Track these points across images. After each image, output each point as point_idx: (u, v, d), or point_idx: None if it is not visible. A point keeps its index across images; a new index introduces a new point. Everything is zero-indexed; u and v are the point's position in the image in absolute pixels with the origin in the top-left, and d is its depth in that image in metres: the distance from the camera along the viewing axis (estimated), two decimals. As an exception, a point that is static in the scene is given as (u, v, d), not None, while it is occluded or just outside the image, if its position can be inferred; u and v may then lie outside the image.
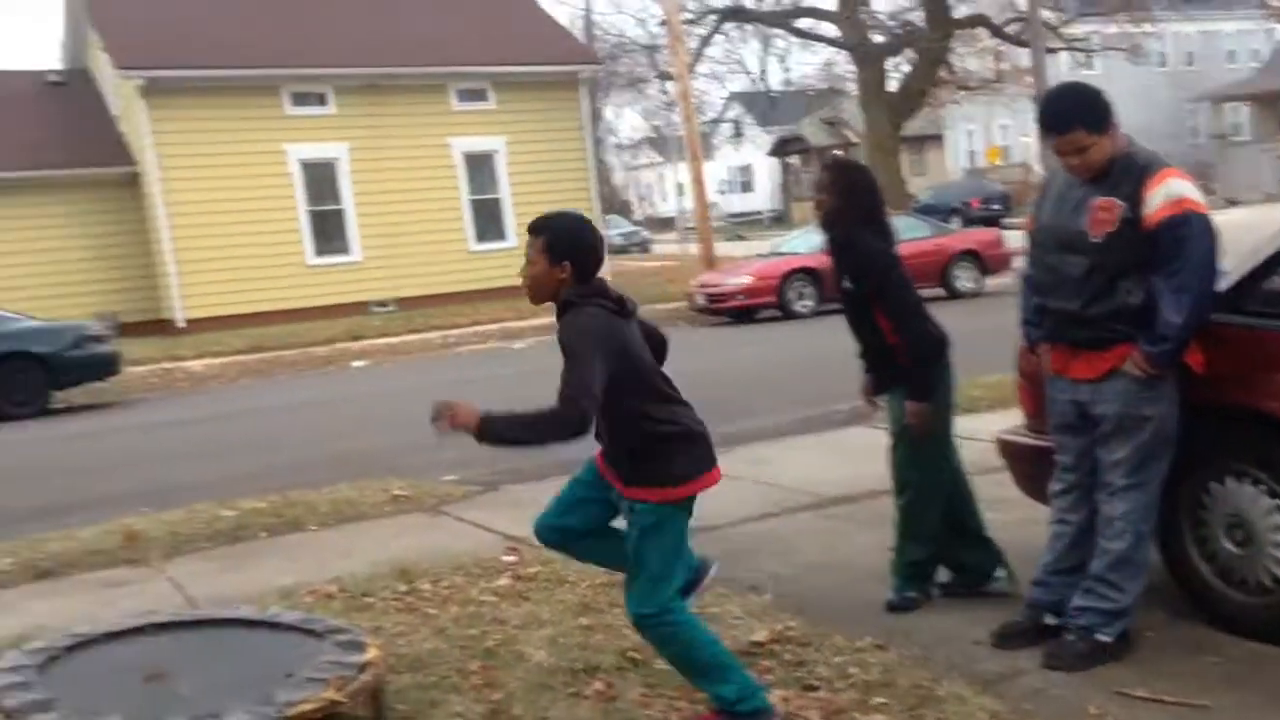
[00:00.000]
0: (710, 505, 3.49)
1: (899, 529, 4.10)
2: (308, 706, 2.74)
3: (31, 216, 21.04)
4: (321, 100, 21.97)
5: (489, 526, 5.81)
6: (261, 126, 21.29)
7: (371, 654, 3.08)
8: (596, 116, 36.77)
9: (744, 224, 49.47)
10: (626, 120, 59.52)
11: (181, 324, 20.79)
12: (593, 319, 3.08)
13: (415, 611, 4.14)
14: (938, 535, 4.07)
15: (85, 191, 21.56)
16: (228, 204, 20.95)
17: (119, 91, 21.92)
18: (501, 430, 2.95)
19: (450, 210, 23.17)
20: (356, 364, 16.26)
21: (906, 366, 3.96)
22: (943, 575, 4.20)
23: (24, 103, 22.62)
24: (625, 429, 3.12)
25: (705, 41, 31.72)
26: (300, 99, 21.77)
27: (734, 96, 53.95)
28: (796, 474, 6.47)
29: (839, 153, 36.93)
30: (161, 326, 21.50)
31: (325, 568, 5.18)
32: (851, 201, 4.05)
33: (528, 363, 14.49)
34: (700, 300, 17.84)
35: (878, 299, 3.97)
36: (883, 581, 4.14)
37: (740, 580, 4.38)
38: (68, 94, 23.52)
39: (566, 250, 3.17)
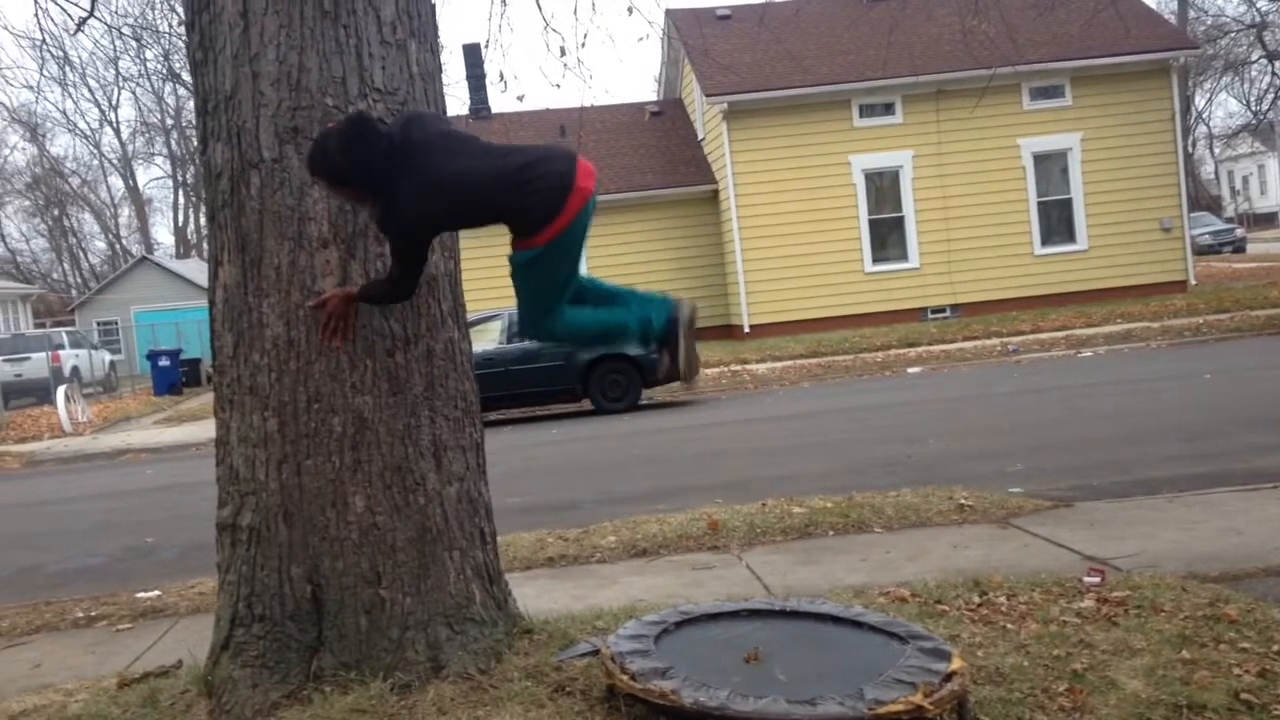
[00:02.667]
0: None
1: None
2: (896, 707, 2.76)
3: (628, 233, 23.80)
4: (889, 110, 22.33)
5: (1064, 544, 5.49)
6: (829, 140, 22.15)
7: (956, 663, 3.02)
8: (1186, 105, 33.47)
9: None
10: (1221, 107, 53.43)
11: (747, 329, 22.22)
12: (391, 216, 3.40)
13: (991, 624, 4.00)
14: None
15: (673, 209, 23.95)
16: (792, 215, 22.09)
17: (705, 116, 24.00)
18: (364, 295, 3.58)
19: (1016, 213, 22.42)
20: (912, 370, 16.26)
21: None
22: None
23: (628, 132, 25.69)
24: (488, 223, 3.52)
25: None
26: (868, 110, 22.30)
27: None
28: None
29: None
30: (729, 331, 23.21)
31: (894, 570, 5.21)
32: None
33: (1092, 372, 13.56)
34: (1313, 307, 15.53)
35: None
36: None
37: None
38: (663, 123, 26.26)
39: (332, 177, 3.38)
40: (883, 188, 22.55)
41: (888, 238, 22.56)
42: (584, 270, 4.01)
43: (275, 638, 3.68)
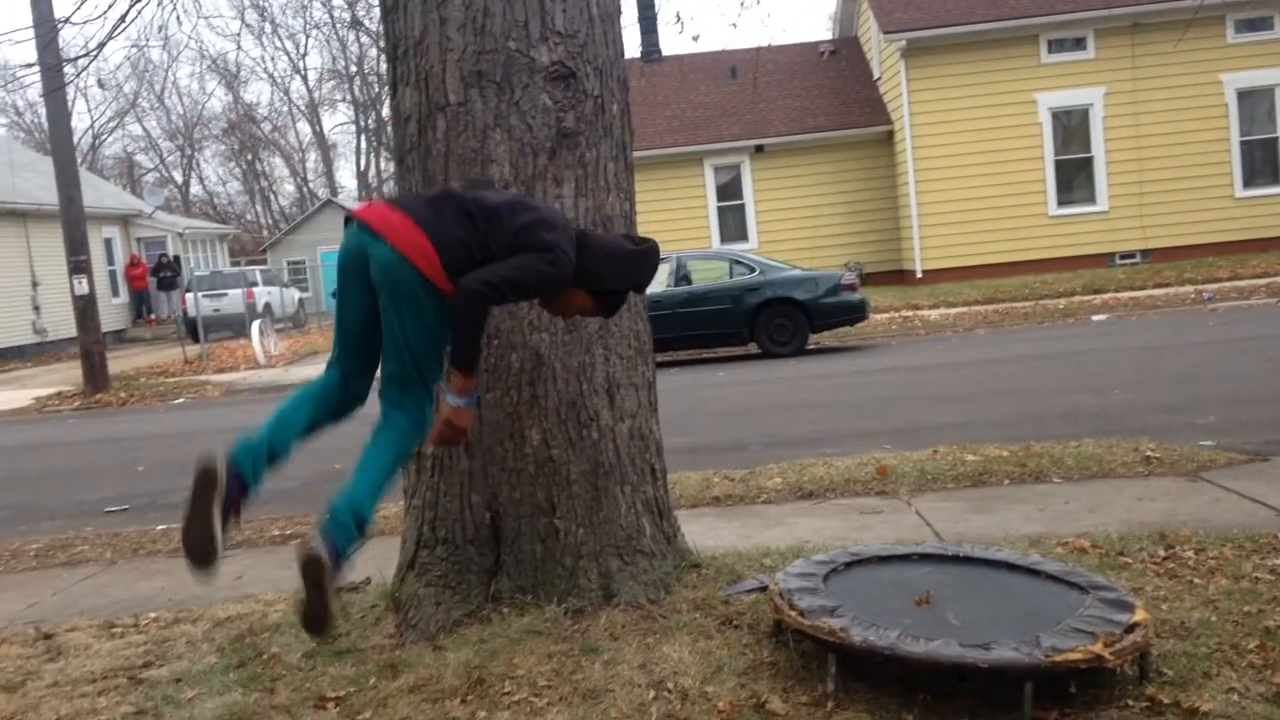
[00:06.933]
0: None
1: None
2: (1074, 656, 2.69)
3: (799, 176, 23.44)
4: (1079, 44, 21.15)
5: (1259, 499, 5.21)
6: (1014, 77, 21.18)
7: (1140, 615, 2.93)
8: None
9: None
10: None
11: (919, 274, 21.65)
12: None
13: (1177, 578, 3.85)
14: None
15: (845, 151, 23.43)
16: (972, 156, 21.29)
17: (882, 54, 23.30)
18: (462, 360, 2.97)
19: (1216, 153, 21.02)
20: (1096, 318, 15.54)
21: None
22: None
23: (801, 72, 25.19)
24: None
25: None
26: (1057, 45, 21.19)
27: None
28: None
29: None
30: (900, 276, 22.68)
31: (1073, 521, 5.05)
32: None
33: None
34: None
35: None
36: None
37: None
38: (837, 62, 25.62)
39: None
40: (1070, 127, 21.46)
41: (1074, 179, 21.51)
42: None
43: (457, 560, 3.87)
